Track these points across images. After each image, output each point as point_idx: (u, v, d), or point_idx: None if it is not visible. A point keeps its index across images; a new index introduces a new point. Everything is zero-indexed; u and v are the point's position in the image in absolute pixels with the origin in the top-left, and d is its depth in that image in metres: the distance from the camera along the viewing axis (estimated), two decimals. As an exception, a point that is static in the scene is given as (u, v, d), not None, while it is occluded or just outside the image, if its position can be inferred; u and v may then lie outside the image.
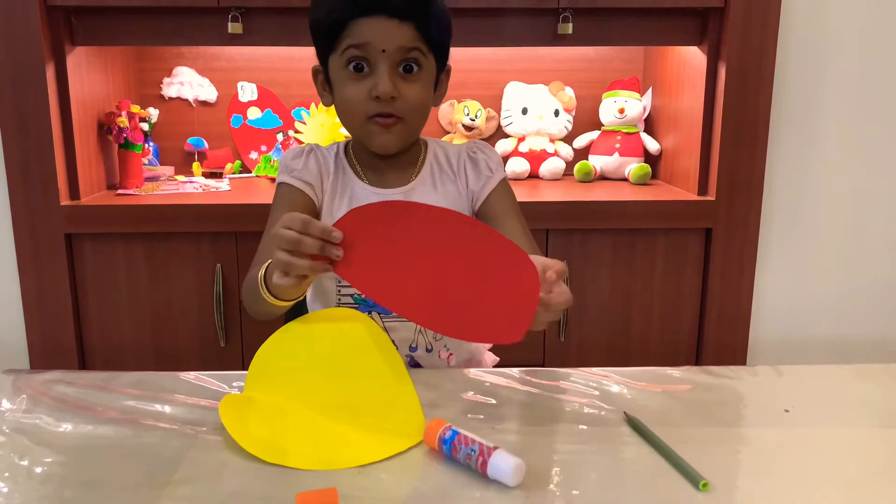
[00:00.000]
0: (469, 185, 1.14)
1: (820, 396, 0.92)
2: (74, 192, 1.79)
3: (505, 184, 1.15)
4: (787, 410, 0.87)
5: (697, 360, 1.91)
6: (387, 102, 1.01)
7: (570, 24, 1.76)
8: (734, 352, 1.90)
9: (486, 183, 1.13)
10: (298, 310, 1.23)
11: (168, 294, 1.81)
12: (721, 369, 0.99)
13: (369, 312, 1.11)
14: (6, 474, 0.74)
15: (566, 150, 2.17)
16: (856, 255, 1.97)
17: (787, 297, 1.98)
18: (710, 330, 1.88)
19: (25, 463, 0.76)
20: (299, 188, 1.11)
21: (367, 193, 1.12)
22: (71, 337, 1.80)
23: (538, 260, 0.79)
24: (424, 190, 1.13)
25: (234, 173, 2.15)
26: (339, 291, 1.13)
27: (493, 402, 0.90)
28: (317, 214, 1.12)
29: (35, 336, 1.81)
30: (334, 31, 1.00)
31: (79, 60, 1.80)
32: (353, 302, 1.13)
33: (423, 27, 1.00)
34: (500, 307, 0.75)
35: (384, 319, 1.11)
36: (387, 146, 1.07)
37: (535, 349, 1.86)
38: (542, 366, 1.80)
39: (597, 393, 0.93)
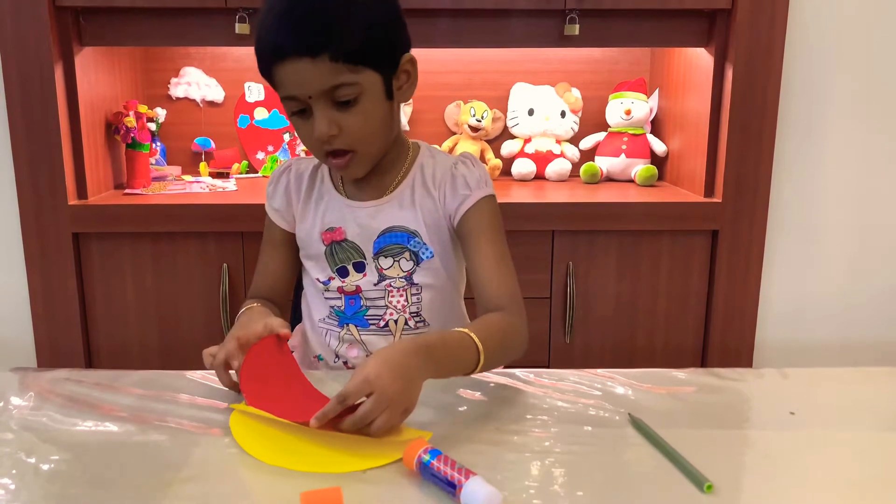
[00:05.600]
0: (446, 203, 1.07)
1: (825, 399, 0.92)
2: (82, 192, 1.80)
3: (485, 202, 1.07)
4: (792, 413, 0.87)
5: (703, 362, 1.91)
6: (330, 141, 0.97)
7: (577, 26, 1.77)
8: (740, 354, 1.90)
9: (463, 202, 1.06)
10: (296, 311, 1.24)
11: (174, 293, 1.82)
12: (726, 371, 0.99)
13: (346, 325, 1.11)
14: (13, 471, 0.74)
15: (572, 152, 2.17)
16: (862, 258, 1.97)
17: (794, 300, 1.97)
18: (716, 332, 1.88)
19: (32, 460, 0.77)
20: (273, 220, 1.15)
21: (339, 206, 1.10)
22: (77, 335, 1.81)
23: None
24: (400, 204, 1.08)
25: (240, 173, 2.16)
26: (328, 301, 1.12)
27: (498, 402, 0.91)
28: (293, 238, 1.14)
29: (42, 334, 1.82)
30: (267, 76, 0.98)
31: (87, 61, 1.81)
32: (333, 314, 1.12)
33: (341, 54, 0.92)
34: None
35: (361, 332, 1.11)
36: (352, 176, 1.06)
37: (541, 350, 1.86)
38: (547, 367, 1.80)
39: (601, 394, 0.92)
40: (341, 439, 0.79)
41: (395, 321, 1.10)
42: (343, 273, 1.10)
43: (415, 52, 1.02)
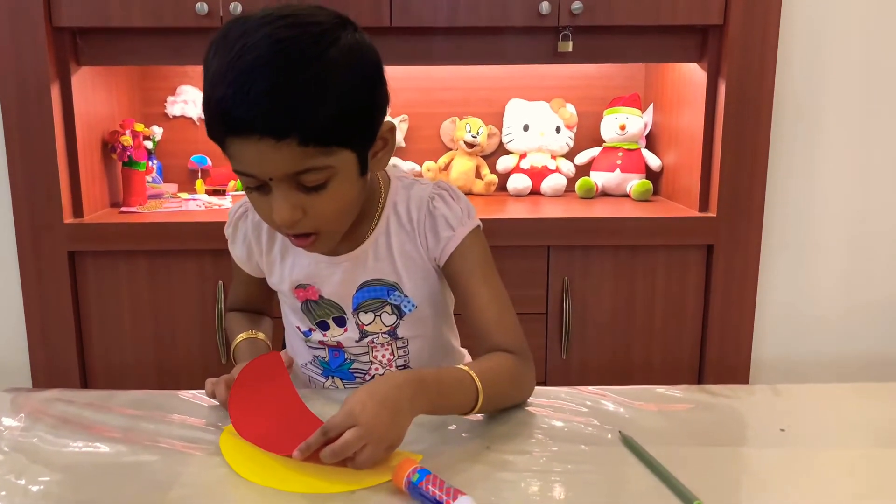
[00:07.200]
0: (429, 247, 0.99)
1: (817, 416, 0.92)
2: (78, 210, 1.81)
3: (470, 239, 0.98)
4: (782, 430, 0.87)
5: (700, 377, 1.90)
6: (292, 226, 0.85)
7: (570, 42, 1.78)
8: (736, 369, 1.90)
9: (447, 244, 0.97)
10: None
11: (170, 311, 1.82)
12: (718, 388, 0.99)
13: (331, 377, 1.08)
14: (3, 493, 0.74)
15: (567, 167, 2.18)
16: (859, 271, 1.97)
17: (790, 314, 1.97)
18: (713, 347, 1.88)
19: (22, 482, 0.76)
20: (237, 263, 1.09)
21: (309, 262, 1.00)
22: (73, 354, 1.81)
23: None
24: (376, 253, 0.99)
25: (236, 191, 2.16)
26: (310, 350, 1.09)
27: (489, 421, 0.90)
28: (261, 280, 1.08)
29: (37, 354, 1.82)
30: (218, 143, 0.83)
31: (84, 80, 1.82)
32: (317, 363, 1.09)
33: (311, 138, 0.78)
34: None
35: (347, 385, 1.08)
36: (316, 252, 0.96)
37: (537, 367, 1.84)
38: (544, 384, 1.79)
39: (593, 412, 0.92)
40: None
41: (382, 374, 1.03)
42: (324, 326, 1.04)
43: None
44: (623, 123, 2.11)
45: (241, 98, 0.76)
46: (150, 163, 2.06)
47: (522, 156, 2.17)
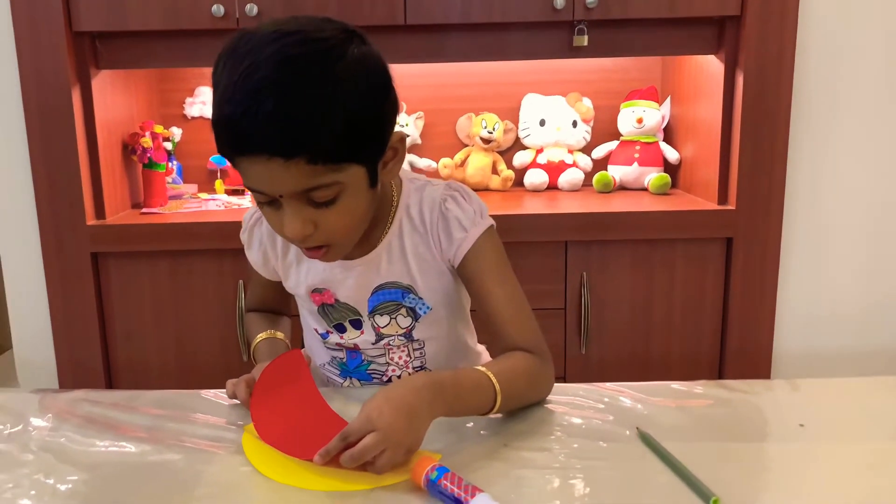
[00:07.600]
0: (442, 248, 0.98)
1: (835, 410, 0.91)
2: (100, 212, 1.84)
3: (484, 239, 0.97)
4: (801, 425, 0.87)
5: (720, 371, 1.89)
6: (304, 240, 0.86)
7: (586, 37, 1.77)
8: (757, 363, 1.88)
9: (460, 246, 0.97)
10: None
11: (191, 310, 1.84)
12: (736, 383, 0.98)
13: (349, 378, 1.09)
14: (32, 492, 0.76)
15: (585, 161, 2.17)
16: (880, 263, 1.94)
17: (811, 307, 1.95)
18: (733, 341, 1.86)
19: (51, 481, 0.78)
20: (254, 268, 1.10)
21: (323, 266, 1.00)
22: (98, 354, 1.84)
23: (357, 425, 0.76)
24: (389, 256, 0.99)
25: (255, 190, 2.18)
26: (328, 351, 1.10)
27: (507, 418, 0.91)
28: (277, 283, 1.09)
29: (63, 354, 1.85)
30: (228, 159, 0.83)
31: (104, 83, 1.84)
32: (335, 363, 1.09)
33: (319, 157, 0.78)
34: None
35: (365, 386, 1.08)
36: (329, 261, 0.95)
37: (556, 362, 1.84)
38: (563, 379, 1.80)
39: (611, 409, 0.92)
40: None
41: (399, 376, 1.05)
42: (340, 329, 1.05)
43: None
44: (640, 116, 2.10)
45: (248, 119, 0.76)
46: (169, 164, 2.08)
47: (539, 151, 2.17)
